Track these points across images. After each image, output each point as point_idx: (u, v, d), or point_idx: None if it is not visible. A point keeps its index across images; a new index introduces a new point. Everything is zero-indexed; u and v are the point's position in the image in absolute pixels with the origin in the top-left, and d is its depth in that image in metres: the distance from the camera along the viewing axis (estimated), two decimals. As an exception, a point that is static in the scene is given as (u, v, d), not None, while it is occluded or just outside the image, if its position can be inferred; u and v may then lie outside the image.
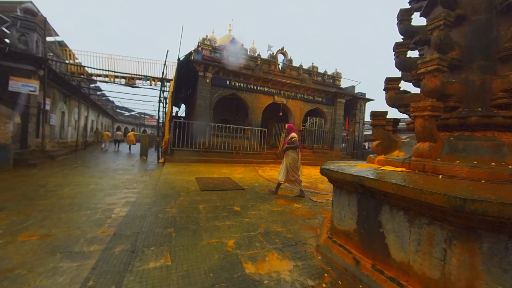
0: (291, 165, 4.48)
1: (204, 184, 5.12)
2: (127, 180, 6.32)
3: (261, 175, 6.96)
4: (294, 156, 4.50)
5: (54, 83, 11.15)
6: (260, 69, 11.80)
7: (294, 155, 4.50)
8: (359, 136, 14.94)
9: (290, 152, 4.50)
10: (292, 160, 4.48)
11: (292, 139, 4.53)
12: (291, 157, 4.49)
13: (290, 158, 4.49)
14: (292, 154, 4.48)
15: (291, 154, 4.48)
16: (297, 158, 4.51)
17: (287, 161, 4.50)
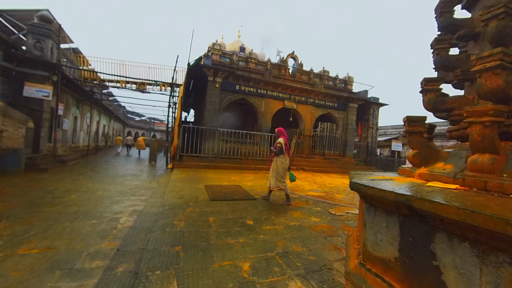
0: (279, 170, 4.36)
1: (213, 193, 4.87)
2: (135, 186, 6.18)
3: (272, 183, 6.64)
4: (282, 161, 4.38)
5: (67, 89, 11.36)
6: (270, 73, 11.60)
7: (282, 160, 4.37)
8: (372, 142, 14.38)
9: (277, 158, 4.38)
10: (280, 165, 4.37)
11: (277, 144, 4.39)
12: (279, 162, 4.37)
13: (279, 163, 4.37)
14: (281, 159, 4.36)
15: (279, 159, 4.36)
16: (286, 164, 4.39)
17: (275, 167, 4.40)
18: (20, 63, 8.18)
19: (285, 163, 4.40)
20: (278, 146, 4.37)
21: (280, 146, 4.35)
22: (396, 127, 27.49)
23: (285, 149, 4.39)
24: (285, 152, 4.40)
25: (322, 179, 8.15)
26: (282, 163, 4.38)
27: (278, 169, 4.36)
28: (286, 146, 4.43)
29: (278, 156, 4.37)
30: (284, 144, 4.38)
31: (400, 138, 18.44)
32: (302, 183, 6.95)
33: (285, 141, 4.41)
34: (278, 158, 4.39)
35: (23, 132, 7.57)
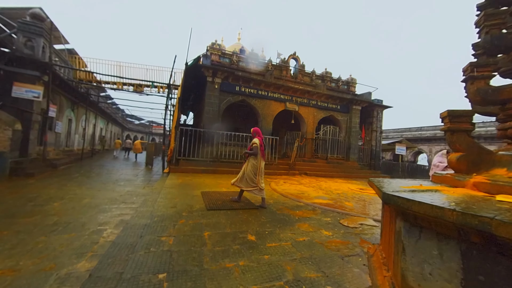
0: (249, 172, 4.23)
1: (210, 201, 4.39)
2: (127, 192, 5.72)
3: (274, 189, 6.16)
4: (254, 163, 4.24)
5: (61, 90, 10.95)
6: (271, 74, 11.23)
7: (253, 162, 4.24)
8: (376, 145, 13.93)
9: (250, 159, 4.26)
10: (251, 167, 4.23)
11: (252, 145, 4.27)
12: (250, 163, 4.25)
13: (250, 164, 4.25)
14: (252, 161, 4.24)
15: (251, 160, 4.25)
16: (257, 166, 4.24)
17: (245, 168, 4.27)
18: (9, 62, 7.78)
19: (257, 165, 4.23)
20: (254, 147, 4.23)
21: (256, 146, 4.21)
22: (398, 131, 27.11)
23: (260, 150, 4.24)
24: (260, 153, 4.25)
25: (327, 184, 7.67)
26: (254, 165, 4.23)
27: (248, 170, 4.23)
28: (261, 147, 4.29)
29: (252, 157, 4.25)
30: (259, 144, 4.23)
31: (404, 142, 18.01)
32: (307, 189, 6.47)
33: (260, 142, 4.28)
34: (251, 159, 4.26)
35: (9, 135, 7.12)
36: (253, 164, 4.24)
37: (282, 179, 8.14)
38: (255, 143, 4.25)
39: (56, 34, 11.38)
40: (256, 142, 4.25)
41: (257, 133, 4.44)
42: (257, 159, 4.25)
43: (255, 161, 4.25)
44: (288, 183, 7.23)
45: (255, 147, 4.23)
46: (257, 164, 4.24)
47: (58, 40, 11.66)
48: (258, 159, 4.25)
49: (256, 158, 4.25)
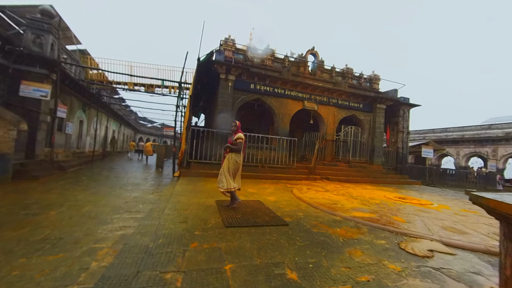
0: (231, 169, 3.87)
1: (228, 215, 3.60)
2: (133, 199, 5.09)
3: (299, 197, 5.30)
4: (237, 160, 3.91)
5: (72, 90, 10.68)
6: (289, 70, 10.41)
7: (236, 159, 3.91)
8: (403, 148, 12.70)
9: (232, 155, 3.89)
10: (233, 164, 3.88)
11: (237, 140, 3.90)
12: (233, 160, 3.88)
13: (232, 162, 3.88)
14: (235, 158, 3.89)
15: (233, 157, 3.88)
16: (239, 163, 3.95)
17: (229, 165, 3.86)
18: (17, 59, 7.46)
19: (239, 162, 3.93)
20: (239, 142, 3.88)
21: (241, 142, 3.88)
22: (420, 132, 25.33)
23: (244, 146, 4.00)
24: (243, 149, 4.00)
25: (358, 191, 6.70)
26: (237, 163, 3.91)
27: (230, 167, 3.85)
28: (244, 143, 4.04)
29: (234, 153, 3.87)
30: (244, 139, 3.96)
31: (431, 144, 16.55)
32: (337, 197, 5.55)
33: (245, 137, 4.12)
34: (232, 155, 3.88)
35: (13, 135, 6.71)
36: (235, 162, 3.88)
37: (304, 185, 7.25)
38: (240, 137, 3.87)
39: (68, 33, 11.19)
40: (241, 136, 3.89)
41: (239, 128, 4.10)
42: (240, 156, 3.93)
43: (238, 158, 3.88)
44: (313, 190, 6.33)
45: (240, 142, 3.85)
46: (240, 162, 3.93)
47: (70, 40, 11.47)
48: (241, 157, 3.94)
49: (239, 156, 3.91)
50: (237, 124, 4.10)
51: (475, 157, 20.84)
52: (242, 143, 3.87)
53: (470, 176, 15.84)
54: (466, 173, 16.27)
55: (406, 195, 6.48)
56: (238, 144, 3.86)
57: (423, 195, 7.01)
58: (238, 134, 3.94)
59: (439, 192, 8.83)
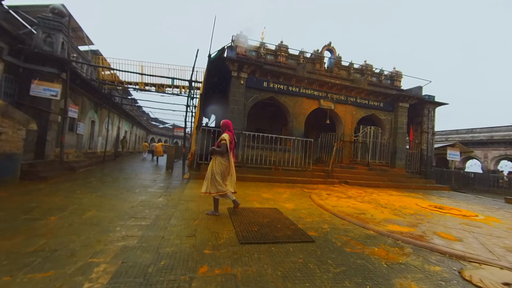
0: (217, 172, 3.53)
1: (242, 226, 3.10)
2: (140, 203, 4.74)
3: (320, 204, 4.73)
4: (222, 161, 3.58)
5: (83, 90, 10.63)
6: (304, 67, 9.83)
7: (221, 160, 3.59)
8: (427, 149, 11.73)
9: (217, 157, 3.60)
10: (219, 166, 3.56)
11: (221, 141, 3.62)
12: (218, 162, 3.57)
13: (217, 163, 3.57)
14: (220, 159, 3.58)
15: (218, 158, 3.59)
16: (225, 165, 3.60)
17: (213, 167, 3.56)
18: (28, 58, 7.38)
19: (225, 164, 3.58)
20: (222, 143, 3.57)
21: (225, 143, 3.54)
22: (442, 133, 23.75)
23: (229, 147, 3.58)
24: (229, 150, 3.59)
25: (384, 198, 6.01)
26: (222, 164, 3.57)
27: (215, 170, 3.53)
28: (231, 143, 3.62)
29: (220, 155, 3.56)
30: (229, 141, 3.57)
31: (458, 145, 15.33)
32: (363, 205, 4.92)
33: (231, 138, 3.62)
34: (217, 157, 3.59)
35: (22, 135, 6.58)
36: (220, 163, 3.56)
37: (323, 190, 6.64)
38: (223, 139, 3.58)
39: (80, 34, 11.19)
40: (225, 138, 3.57)
41: (227, 127, 3.74)
42: (226, 158, 3.59)
43: (223, 160, 3.57)
44: (334, 196, 5.72)
45: (223, 144, 3.55)
46: (227, 163, 3.59)
47: (82, 41, 11.48)
48: (229, 158, 3.60)
49: (224, 157, 3.58)
50: (225, 123, 3.76)
51: (506, 160, 19.22)
52: (225, 144, 3.52)
53: (502, 181, 14.50)
54: (495, 177, 14.93)
55: (441, 204, 5.72)
56: (221, 146, 3.55)
57: (459, 204, 6.20)
58: (223, 135, 3.64)
59: (475, 199, 7.92)
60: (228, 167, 3.61)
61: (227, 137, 3.58)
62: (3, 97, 6.94)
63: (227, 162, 3.59)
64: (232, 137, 3.66)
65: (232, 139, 3.64)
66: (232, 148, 3.63)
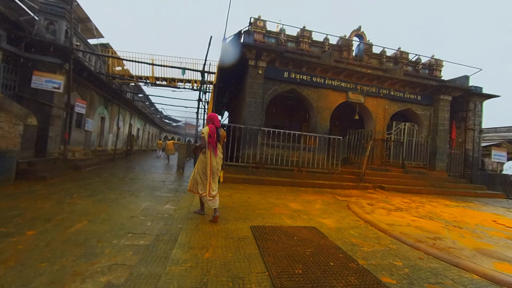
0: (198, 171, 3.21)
1: (280, 265, 2.06)
2: (142, 211, 3.91)
3: (369, 220, 3.61)
4: (202, 159, 3.21)
5: (91, 85, 10.04)
6: (331, 55, 8.62)
7: (202, 158, 3.22)
8: (473, 149, 10.12)
9: (201, 154, 3.25)
10: (199, 165, 3.20)
11: (201, 135, 3.26)
12: (199, 160, 3.25)
13: (198, 161, 3.25)
14: (201, 157, 3.24)
15: (200, 156, 3.25)
16: (206, 162, 3.14)
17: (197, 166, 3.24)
18: (28, 47, 6.78)
19: (204, 161, 3.18)
20: (202, 138, 3.24)
21: (203, 137, 3.18)
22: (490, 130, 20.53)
23: (208, 141, 3.14)
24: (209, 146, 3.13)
25: (445, 211, 4.75)
26: (202, 162, 3.22)
27: (196, 169, 3.26)
28: (211, 137, 3.14)
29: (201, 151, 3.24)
30: (208, 134, 3.14)
31: (505, 145, 13.43)
32: (427, 223, 3.71)
33: (210, 130, 3.15)
34: (200, 155, 3.28)
35: (20, 130, 5.95)
36: (201, 161, 3.26)
37: (361, 199, 5.47)
38: (202, 132, 3.28)
39: (89, 25, 10.63)
40: (203, 131, 3.26)
41: (210, 120, 3.33)
42: (205, 153, 3.21)
43: (203, 157, 3.24)
44: (379, 208, 4.55)
45: (202, 138, 3.25)
46: (206, 160, 3.19)
47: (91, 33, 10.92)
48: (207, 154, 3.19)
49: (205, 153, 3.22)
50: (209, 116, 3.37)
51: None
52: (204, 138, 3.16)
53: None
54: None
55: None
56: (201, 140, 3.23)
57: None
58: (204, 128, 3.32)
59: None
60: (208, 165, 3.14)
61: (206, 130, 3.18)
62: (2, 89, 6.36)
63: (207, 159, 3.16)
64: (214, 130, 3.19)
65: (213, 132, 3.17)
66: (213, 142, 3.15)
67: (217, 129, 3.22)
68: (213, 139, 3.14)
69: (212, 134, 3.13)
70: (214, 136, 3.15)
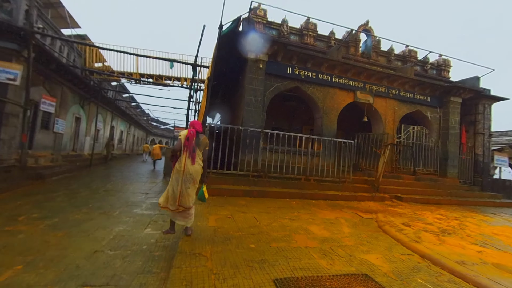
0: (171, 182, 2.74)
1: None
2: (113, 240, 2.88)
3: (425, 254, 2.65)
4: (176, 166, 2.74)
5: (62, 79, 8.63)
6: (339, 50, 7.78)
7: (177, 166, 2.73)
8: (483, 154, 9.58)
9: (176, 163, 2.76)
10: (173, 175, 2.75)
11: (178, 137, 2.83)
12: (174, 169, 2.77)
13: (174, 171, 2.77)
14: (176, 166, 2.75)
15: (176, 165, 2.76)
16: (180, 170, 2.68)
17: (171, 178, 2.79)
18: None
19: (178, 169, 2.69)
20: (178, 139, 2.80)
21: (180, 141, 2.73)
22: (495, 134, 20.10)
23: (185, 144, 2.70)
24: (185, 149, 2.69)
25: (498, 232, 3.88)
26: (176, 171, 2.71)
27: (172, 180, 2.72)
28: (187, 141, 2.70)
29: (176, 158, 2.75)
30: (185, 136, 2.72)
31: (507, 150, 13.16)
32: (499, 256, 2.79)
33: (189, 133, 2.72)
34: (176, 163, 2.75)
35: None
36: (176, 170, 2.72)
37: (390, 215, 4.52)
38: (179, 134, 2.81)
39: (61, 12, 9.25)
40: (181, 133, 2.81)
41: (192, 125, 2.89)
42: (180, 161, 2.71)
43: (178, 166, 2.71)
44: (418, 228, 3.61)
45: (178, 140, 2.77)
46: (180, 168, 2.67)
47: (64, 21, 9.53)
48: (181, 161, 2.68)
49: (179, 159, 2.71)
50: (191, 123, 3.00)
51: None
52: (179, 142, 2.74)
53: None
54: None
55: None
56: (175, 145, 2.81)
57: None
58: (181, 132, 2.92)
59: None
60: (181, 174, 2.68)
61: (184, 132, 2.80)
62: None
63: (180, 167, 2.70)
64: (194, 134, 2.78)
65: (192, 135, 2.76)
66: (190, 146, 2.72)
67: (198, 134, 2.82)
68: (190, 143, 2.72)
69: (191, 137, 2.73)
70: (192, 140, 2.73)
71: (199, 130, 2.89)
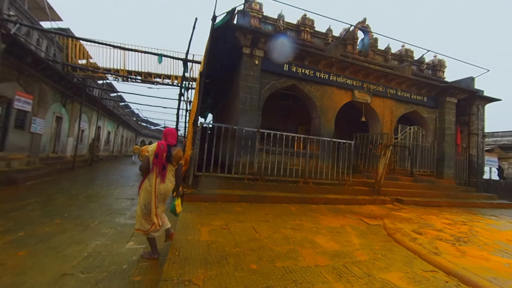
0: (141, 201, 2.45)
1: None
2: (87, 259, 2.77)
3: (450, 270, 2.33)
4: (147, 186, 2.43)
5: (41, 75, 7.93)
6: (337, 47, 7.51)
7: (146, 185, 2.44)
8: (478, 155, 9.59)
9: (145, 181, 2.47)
10: (143, 193, 2.45)
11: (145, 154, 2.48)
12: (144, 186, 2.46)
13: (143, 189, 2.47)
14: (145, 184, 2.46)
15: (146, 181, 2.47)
16: (150, 190, 2.41)
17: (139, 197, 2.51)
18: None
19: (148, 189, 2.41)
20: (143, 157, 2.49)
21: (146, 157, 2.44)
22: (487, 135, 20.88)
23: (153, 162, 2.40)
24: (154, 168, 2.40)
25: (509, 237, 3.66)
26: (146, 190, 2.42)
27: (140, 198, 2.47)
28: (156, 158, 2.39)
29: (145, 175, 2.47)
30: (153, 153, 2.41)
31: (496, 150, 13.37)
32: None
33: (158, 148, 2.40)
34: (146, 181, 2.45)
35: None
36: (145, 189, 2.44)
37: (395, 220, 4.23)
38: (146, 150, 2.48)
39: (40, 2, 8.56)
40: (147, 148, 2.50)
41: (164, 135, 2.59)
42: (150, 178, 2.43)
43: (148, 184, 2.42)
44: (431, 236, 3.32)
45: (145, 157, 2.45)
46: (151, 188, 2.39)
47: (43, 13, 8.81)
48: (151, 180, 2.40)
49: (149, 177, 2.43)
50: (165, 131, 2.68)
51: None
52: (146, 158, 2.41)
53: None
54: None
55: None
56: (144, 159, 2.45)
57: None
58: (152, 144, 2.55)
59: None
60: (152, 193, 2.38)
61: (153, 147, 2.45)
62: None
63: (151, 185, 2.41)
64: (164, 149, 2.43)
65: (161, 150, 2.41)
66: (159, 164, 2.40)
67: (169, 147, 2.49)
68: (159, 160, 2.40)
69: (160, 153, 2.39)
70: (162, 156, 2.40)
71: (171, 142, 2.56)
